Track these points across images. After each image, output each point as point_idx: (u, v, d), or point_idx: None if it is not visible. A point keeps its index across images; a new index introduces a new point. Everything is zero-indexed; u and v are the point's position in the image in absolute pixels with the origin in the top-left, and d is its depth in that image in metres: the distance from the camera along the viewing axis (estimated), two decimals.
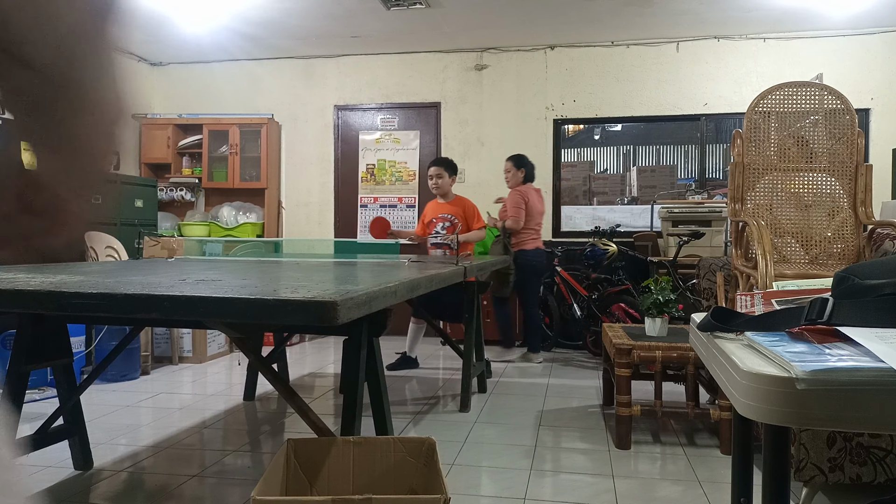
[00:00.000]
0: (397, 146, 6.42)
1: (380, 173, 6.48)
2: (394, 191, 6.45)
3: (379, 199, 6.49)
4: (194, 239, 5.76)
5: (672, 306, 3.22)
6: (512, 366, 4.97)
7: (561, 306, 5.52)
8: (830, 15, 5.31)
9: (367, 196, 6.50)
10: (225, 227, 6.39)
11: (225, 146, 6.52)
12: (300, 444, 1.88)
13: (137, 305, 1.53)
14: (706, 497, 2.47)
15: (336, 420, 3.45)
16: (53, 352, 2.52)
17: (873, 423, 0.64)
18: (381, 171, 6.48)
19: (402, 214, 6.41)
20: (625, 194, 9.16)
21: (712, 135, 6.79)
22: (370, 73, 6.53)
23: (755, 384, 0.67)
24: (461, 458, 2.90)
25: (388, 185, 6.47)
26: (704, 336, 0.96)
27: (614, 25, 5.65)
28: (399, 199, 6.43)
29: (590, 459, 2.89)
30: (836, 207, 3.04)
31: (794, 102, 3.12)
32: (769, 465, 0.88)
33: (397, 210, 6.42)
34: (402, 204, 6.42)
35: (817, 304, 0.79)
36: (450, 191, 4.71)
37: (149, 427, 3.36)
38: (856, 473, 2.10)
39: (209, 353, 5.08)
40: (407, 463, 1.90)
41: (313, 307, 1.42)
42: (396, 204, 6.44)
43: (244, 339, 2.24)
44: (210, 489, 2.55)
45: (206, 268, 2.68)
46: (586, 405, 3.81)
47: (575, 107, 6.18)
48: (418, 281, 2.13)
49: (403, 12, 5.33)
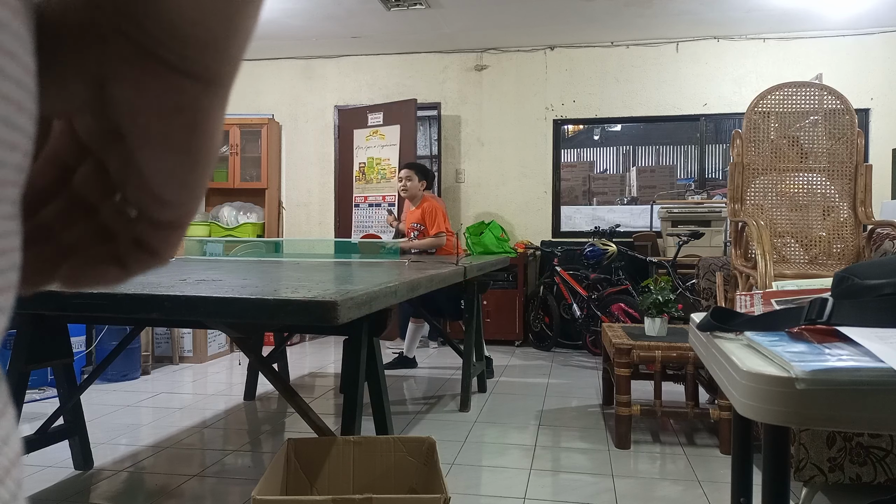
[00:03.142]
0: (382, 142, 6.15)
1: (369, 171, 6.26)
2: (379, 189, 6.18)
3: (368, 198, 6.25)
4: (195, 239, 5.76)
5: (671, 306, 3.22)
6: (512, 366, 4.98)
7: (560, 306, 5.52)
8: (830, 15, 5.31)
9: (359, 195, 6.32)
10: (225, 227, 6.39)
11: (225, 146, 6.52)
12: (300, 443, 1.88)
13: (138, 305, 1.53)
14: (706, 497, 2.47)
15: (336, 420, 3.46)
16: (53, 352, 2.52)
17: (873, 423, 0.64)
18: (370, 169, 6.25)
19: (385, 213, 6.04)
20: (624, 194, 9.18)
21: (712, 135, 6.80)
22: (370, 74, 6.53)
23: (755, 384, 0.67)
24: (461, 457, 2.90)
25: (374, 184, 6.21)
26: (704, 336, 0.96)
27: (614, 26, 5.65)
28: (383, 197, 6.14)
29: (589, 459, 2.89)
30: (829, 207, 3.04)
31: (793, 102, 3.12)
32: (769, 464, 0.88)
33: (381, 209, 6.13)
34: (385, 203, 6.12)
35: (817, 304, 0.79)
36: (418, 194, 4.60)
37: (149, 427, 3.36)
38: (856, 473, 2.10)
39: (209, 353, 5.08)
40: (407, 462, 1.91)
41: (313, 307, 1.43)
42: (381, 202, 6.17)
43: (244, 338, 2.24)
44: (210, 489, 2.55)
45: (207, 268, 2.68)
46: (586, 405, 3.81)
47: (575, 107, 6.18)
48: (418, 281, 2.13)
49: (403, 13, 5.33)
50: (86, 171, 0.28)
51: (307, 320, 1.44)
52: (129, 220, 0.28)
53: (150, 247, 0.29)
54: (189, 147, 0.27)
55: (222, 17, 0.25)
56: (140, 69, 0.24)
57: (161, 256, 0.30)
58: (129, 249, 0.29)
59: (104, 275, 0.29)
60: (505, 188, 6.32)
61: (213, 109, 0.27)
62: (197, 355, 5.00)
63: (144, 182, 0.27)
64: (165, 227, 0.29)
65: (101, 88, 0.25)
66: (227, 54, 0.26)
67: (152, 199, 0.27)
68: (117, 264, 0.29)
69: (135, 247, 0.29)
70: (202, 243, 5.30)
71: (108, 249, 0.29)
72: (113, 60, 0.25)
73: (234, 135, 6.43)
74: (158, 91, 0.25)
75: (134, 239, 0.29)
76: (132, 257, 0.29)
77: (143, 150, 0.26)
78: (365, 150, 6.31)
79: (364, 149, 6.31)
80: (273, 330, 3.59)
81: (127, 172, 0.27)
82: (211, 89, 0.26)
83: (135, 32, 0.24)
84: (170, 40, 0.24)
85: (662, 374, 3.11)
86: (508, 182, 6.30)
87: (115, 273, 0.29)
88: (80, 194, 0.28)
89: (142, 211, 0.28)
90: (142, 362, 4.54)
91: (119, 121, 0.25)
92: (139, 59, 0.24)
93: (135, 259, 0.29)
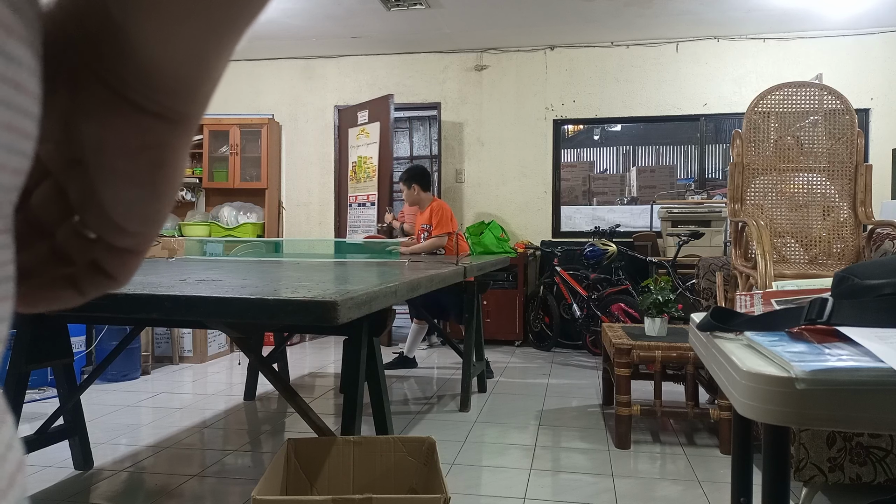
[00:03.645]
0: (368, 140, 6.05)
1: (359, 170, 6.18)
2: (365, 189, 6.07)
3: (358, 198, 6.14)
4: (195, 239, 5.76)
5: (671, 306, 3.22)
6: (512, 366, 4.98)
7: (560, 306, 5.52)
8: (830, 15, 5.31)
9: (351, 195, 6.25)
10: (225, 227, 6.39)
11: (225, 146, 6.52)
12: (300, 443, 1.88)
13: (138, 305, 1.53)
14: (706, 497, 2.47)
15: (336, 420, 3.46)
16: (53, 352, 2.52)
17: (873, 423, 0.64)
18: (360, 169, 6.17)
19: (369, 213, 5.97)
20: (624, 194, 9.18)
21: (712, 135, 6.80)
22: (370, 74, 6.53)
23: (755, 384, 0.67)
24: (461, 457, 2.90)
25: (363, 183, 6.12)
26: (704, 336, 0.96)
27: (614, 26, 5.65)
28: (367, 196, 6.02)
29: (589, 459, 2.89)
30: (829, 207, 3.04)
31: (793, 102, 3.12)
32: (769, 465, 0.88)
33: (366, 208, 6.01)
34: (369, 202, 5.99)
35: (817, 304, 0.79)
36: (421, 198, 4.63)
37: (149, 427, 3.36)
38: (856, 473, 2.10)
39: (209, 353, 5.08)
40: (407, 462, 1.91)
41: (313, 307, 1.43)
42: (365, 202, 6.04)
43: (244, 338, 2.24)
44: (210, 489, 2.55)
45: (207, 268, 2.68)
46: (586, 405, 3.81)
47: (575, 107, 6.18)
48: (418, 281, 2.13)
49: (403, 13, 5.33)
50: (43, 192, 0.27)
51: (307, 320, 1.44)
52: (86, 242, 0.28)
53: (107, 271, 0.29)
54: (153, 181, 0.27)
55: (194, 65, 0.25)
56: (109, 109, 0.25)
57: (118, 280, 0.29)
58: (86, 272, 0.28)
59: (58, 297, 0.29)
60: (505, 188, 6.32)
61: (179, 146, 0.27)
62: (197, 355, 5.00)
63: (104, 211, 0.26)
64: (123, 252, 0.28)
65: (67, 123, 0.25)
66: (197, 98, 0.26)
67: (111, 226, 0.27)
68: (73, 287, 0.29)
69: (91, 270, 0.28)
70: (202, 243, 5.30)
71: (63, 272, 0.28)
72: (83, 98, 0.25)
73: (234, 135, 6.43)
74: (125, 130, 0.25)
75: (91, 262, 0.28)
76: (88, 280, 0.29)
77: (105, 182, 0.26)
78: (356, 148, 6.26)
79: (355, 147, 6.28)
80: (273, 330, 3.59)
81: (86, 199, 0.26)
82: (178, 128, 0.26)
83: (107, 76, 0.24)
84: (141, 86, 0.25)
85: (662, 374, 3.11)
86: (508, 182, 6.30)
87: (70, 295, 0.29)
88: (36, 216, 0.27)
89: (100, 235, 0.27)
90: (142, 362, 4.54)
91: (82, 153, 0.25)
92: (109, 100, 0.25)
93: (90, 282, 0.29)
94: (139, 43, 0.24)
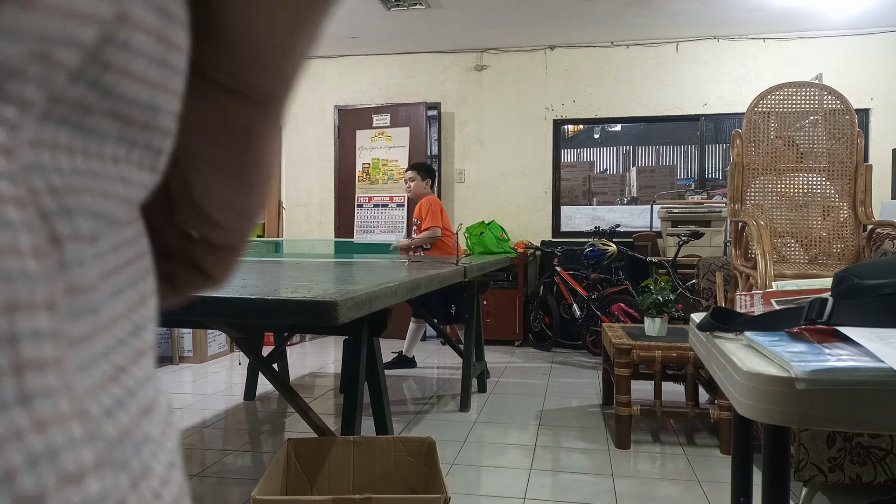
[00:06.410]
0: (389, 143, 6.32)
1: (374, 172, 6.39)
2: (386, 189, 6.34)
3: (373, 199, 6.40)
4: None
5: (671, 306, 3.22)
6: (512, 366, 4.98)
7: (560, 306, 5.52)
8: (830, 15, 5.31)
9: (362, 195, 6.43)
10: None
11: None
12: (300, 443, 1.88)
13: None
14: (706, 497, 2.47)
15: (336, 420, 3.46)
16: None
17: (873, 423, 0.64)
18: (375, 170, 6.39)
19: (392, 214, 6.31)
20: (624, 194, 9.18)
21: (712, 135, 6.81)
22: (370, 74, 6.53)
23: (755, 384, 0.67)
24: (461, 457, 2.90)
25: (381, 184, 6.37)
26: (704, 336, 0.96)
27: (614, 26, 5.65)
28: (391, 198, 6.32)
29: (589, 459, 2.89)
30: (829, 207, 3.04)
31: (793, 103, 3.12)
32: (769, 465, 0.88)
33: (388, 209, 6.32)
34: (393, 203, 6.30)
35: (817, 304, 0.79)
36: (422, 193, 4.71)
37: None
38: (856, 473, 2.10)
39: (209, 353, 5.08)
40: (407, 463, 1.91)
41: (314, 307, 1.43)
42: (388, 203, 6.35)
43: (244, 338, 2.24)
44: (210, 489, 2.56)
45: None
46: (586, 405, 3.81)
47: (574, 107, 6.18)
48: (418, 281, 2.13)
49: (403, 13, 5.33)
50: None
51: (307, 320, 1.44)
52: (188, 240, 0.27)
53: (205, 269, 0.28)
54: (240, 169, 0.26)
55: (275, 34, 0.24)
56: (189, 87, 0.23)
57: (215, 280, 0.29)
58: (184, 271, 0.28)
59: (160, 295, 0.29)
60: (505, 188, 6.32)
61: (265, 132, 0.26)
62: (197, 355, 5.00)
63: (196, 203, 0.26)
64: (219, 250, 0.28)
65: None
66: (279, 75, 0.25)
67: (205, 220, 0.27)
68: (171, 284, 0.28)
69: (190, 268, 0.28)
70: None
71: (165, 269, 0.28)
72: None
73: None
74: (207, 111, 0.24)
75: (190, 260, 0.28)
76: (186, 278, 0.28)
77: (191, 169, 0.25)
78: (370, 150, 6.41)
79: (368, 149, 6.41)
80: (273, 330, 3.59)
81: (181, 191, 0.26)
82: (263, 111, 0.26)
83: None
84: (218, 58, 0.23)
85: (662, 374, 3.11)
86: (508, 182, 6.30)
87: (168, 294, 0.28)
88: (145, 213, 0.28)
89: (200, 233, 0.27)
90: None
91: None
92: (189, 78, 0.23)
93: (188, 280, 0.28)
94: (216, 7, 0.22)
